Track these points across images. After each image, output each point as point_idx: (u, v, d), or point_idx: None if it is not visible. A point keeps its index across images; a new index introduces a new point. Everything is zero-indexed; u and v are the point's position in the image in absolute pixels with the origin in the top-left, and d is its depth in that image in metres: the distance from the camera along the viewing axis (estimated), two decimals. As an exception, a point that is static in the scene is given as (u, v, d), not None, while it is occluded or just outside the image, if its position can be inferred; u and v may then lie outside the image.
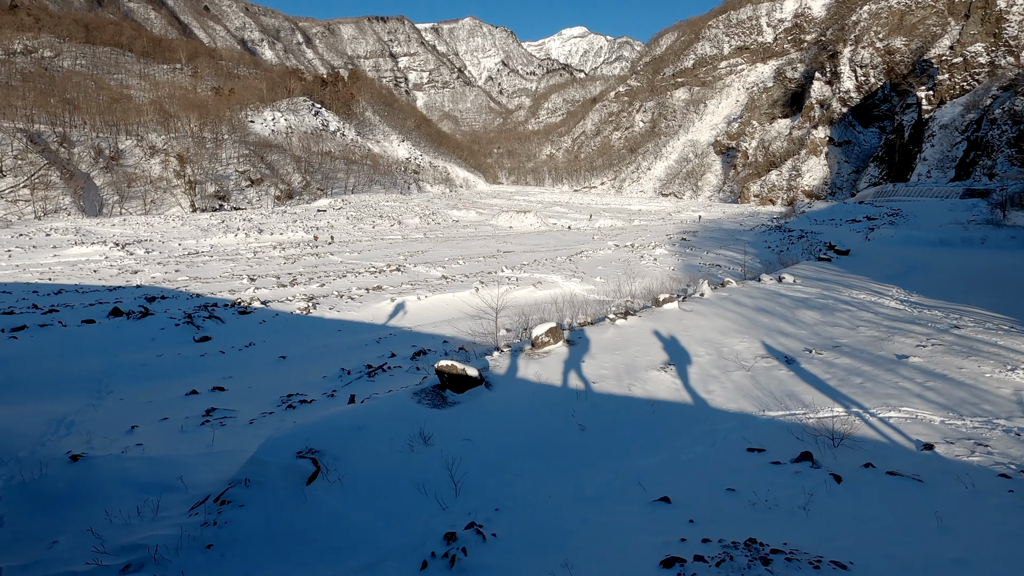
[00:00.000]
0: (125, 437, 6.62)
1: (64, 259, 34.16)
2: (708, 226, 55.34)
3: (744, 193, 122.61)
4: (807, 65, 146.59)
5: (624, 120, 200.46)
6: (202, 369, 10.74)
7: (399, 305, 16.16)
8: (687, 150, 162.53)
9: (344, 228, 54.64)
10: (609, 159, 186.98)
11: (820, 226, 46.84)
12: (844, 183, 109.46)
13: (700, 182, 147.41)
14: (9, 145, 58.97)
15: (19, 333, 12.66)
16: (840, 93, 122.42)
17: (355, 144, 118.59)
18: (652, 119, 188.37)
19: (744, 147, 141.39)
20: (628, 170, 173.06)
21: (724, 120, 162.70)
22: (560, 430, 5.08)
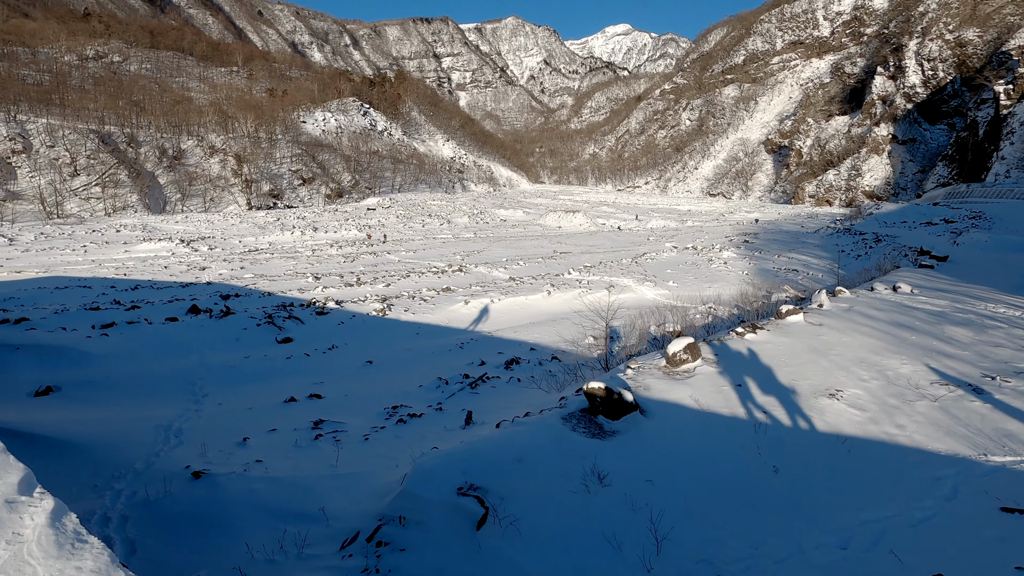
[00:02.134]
0: (240, 451, 6.26)
1: (135, 255, 35.41)
2: (767, 228, 53.07)
3: (798, 194, 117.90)
4: (868, 59, 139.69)
5: (670, 118, 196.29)
6: (290, 373, 10.47)
7: (482, 309, 15.69)
8: (736, 149, 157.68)
9: (395, 227, 55.01)
10: (654, 158, 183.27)
11: (892, 229, 44.12)
12: (908, 183, 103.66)
13: (750, 182, 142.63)
14: (83, 145, 62.01)
15: (109, 330, 12.77)
16: (905, 88, 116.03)
17: (401, 143, 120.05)
18: (699, 117, 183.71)
19: (798, 146, 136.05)
20: (674, 169, 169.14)
21: (776, 118, 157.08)
22: (750, 471, 4.36)
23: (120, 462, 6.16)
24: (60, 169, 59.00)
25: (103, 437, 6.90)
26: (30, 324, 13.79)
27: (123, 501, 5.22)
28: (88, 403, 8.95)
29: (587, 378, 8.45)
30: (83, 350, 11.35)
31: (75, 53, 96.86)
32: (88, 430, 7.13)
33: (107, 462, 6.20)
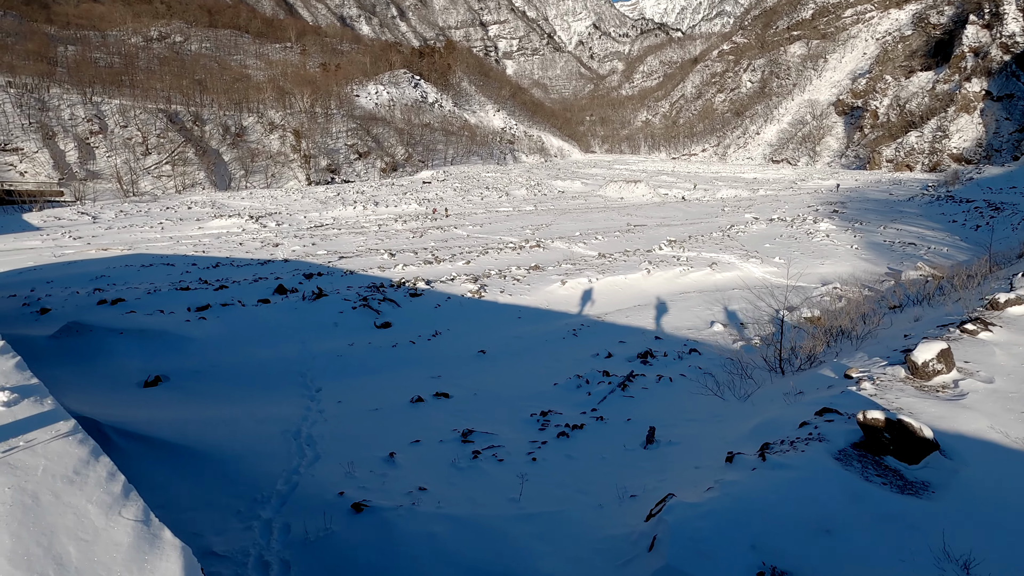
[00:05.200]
0: (391, 471, 5.35)
1: (208, 231, 36.02)
2: (851, 196, 49.05)
3: (874, 158, 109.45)
4: (957, 7, 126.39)
5: (729, 81, 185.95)
6: (401, 363, 9.63)
7: (582, 290, 14.48)
8: (803, 111, 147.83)
9: (453, 200, 54.18)
10: (711, 124, 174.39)
11: (1004, 195, 39.73)
12: (1004, 144, 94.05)
13: (818, 147, 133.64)
14: (153, 125, 63.91)
15: (206, 313, 12.35)
16: (1002, 38, 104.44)
17: (452, 115, 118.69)
18: (762, 78, 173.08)
19: (873, 106, 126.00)
20: (733, 135, 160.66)
21: (848, 76, 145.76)
22: None
23: (258, 479, 5.37)
24: (133, 148, 61.10)
25: (229, 444, 6.17)
26: (128, 306, 13.60)
27: (277, 539, 4.37)
28: (199, 396, 8.37)
29: (760, 382, 7.13)
30: (184, 335, 10.90)
31: (140, 35, 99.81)
32: (211, 435, 6.43)
33: (243, 478, 5.43)
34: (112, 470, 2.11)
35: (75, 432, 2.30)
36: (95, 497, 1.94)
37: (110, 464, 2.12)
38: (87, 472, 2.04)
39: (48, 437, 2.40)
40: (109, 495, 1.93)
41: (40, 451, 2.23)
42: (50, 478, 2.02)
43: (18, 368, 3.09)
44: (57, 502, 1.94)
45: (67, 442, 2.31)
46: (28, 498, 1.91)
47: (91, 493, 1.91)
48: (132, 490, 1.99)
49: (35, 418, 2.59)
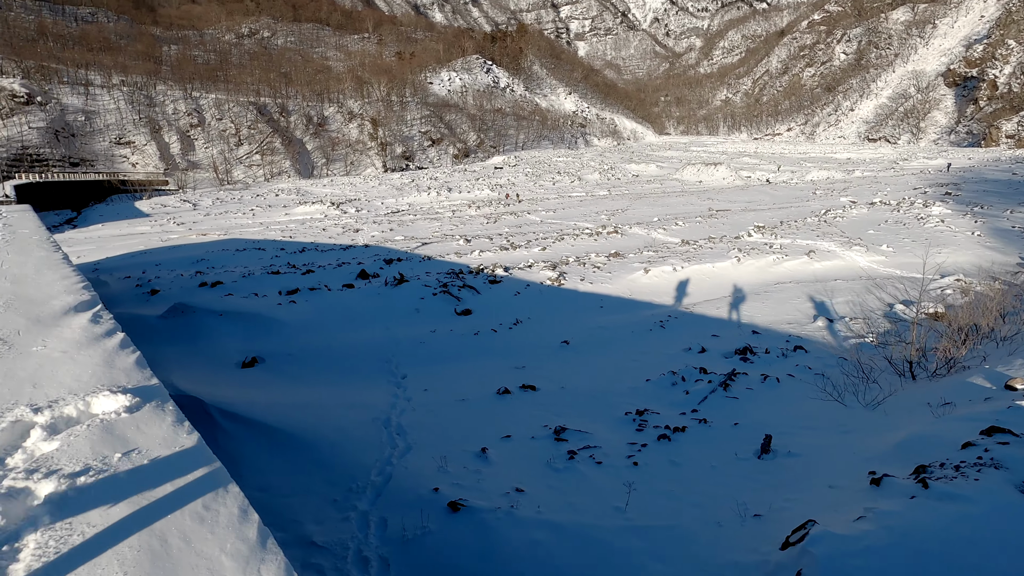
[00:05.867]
0: (484, 468, 5.17)
1: (294, 217, 37.89)
2: (965, 176, 44.06)
3: (991, 134, 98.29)
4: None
5: (820, 54, 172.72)
6: (483, 352, 9.48)
7: (666, 278, 13.79)
8: (905, 84, 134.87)
9: (525, 185, 53.90)
10: (798, 101, 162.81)
11: None
12: None
13: (922, 123, 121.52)
14: (244, 117, 68.00)
15: (295, 297, 12.80)
16: None
17: (524, 99, 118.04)
18: (858, 49, 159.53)
19: (992, 75, 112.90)
20: (823, 112, 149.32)
21: (961, 43, 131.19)
22: None
23: (352, 468, 5.35)
24: (227, 139, 65.31)
25: (323, 430, 6.23)
26: (225, 288, 14.40)
27: (375, 533, 4.28)
28: (291, 379, 8.61)
29: (889, 388, 6.32)
30: (276, 318, 11.32)
31: (233, 32, 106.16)
32: (305, 419, 6.53)
33: (337, 466, 5.43)
34: (243, 505, 1.93)
35: (200, 450, 2.17)
36: (229, 546, 1.72)
37: (240, 497, 1.94)
38: (217, 508, 1.88)
39: (172, 455, 2.26)
40: (244, 543, 1.71)
41: (165, 471, 2.11)
42: (178, 514, 1.88)
43: (138, 366, 3.06)
44: (188, 549, 1.78)
45: (192, 463, 2.18)
46: (156, 541, 1.77)
47: (224, 539, 1.71)
48: (269, 536, 1.80)
49: (156, 428, 2.47)
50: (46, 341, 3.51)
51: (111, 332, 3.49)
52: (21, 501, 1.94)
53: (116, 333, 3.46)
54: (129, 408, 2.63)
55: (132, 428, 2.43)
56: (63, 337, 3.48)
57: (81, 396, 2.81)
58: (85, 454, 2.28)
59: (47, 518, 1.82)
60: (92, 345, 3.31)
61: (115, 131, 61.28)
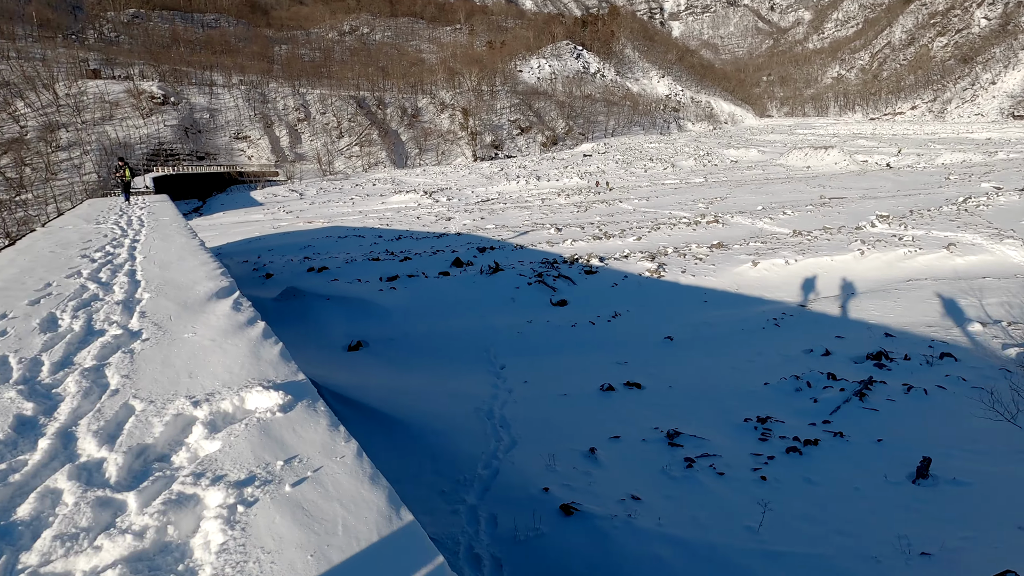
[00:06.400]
0: (595, 470, 4.93)
1: (389, 205, 39.45)
2: None
3: None
4: None
5: (955, 20, 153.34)
6: (582, 345, 9.20)
7: (778, 271, 12.76)
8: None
9: (615, 173, 52.54)
10: (926, 75, 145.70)
11: None
12: None
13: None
14: (345, 110, 71.74)
15: (395, 284, 13.20)
16: None
17: (614, 84, 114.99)
18: (1003, 13, 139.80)
19: None
20: (956, 87, 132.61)
21: None
22: None
23: (458, 459, 5.31)
24: (330, 132, 69.27)
25: (428, 418, 6.27)
26: (331, 274, 15.16)
27: (485, 530, 4.18)
28: (394, 364, 8.82)
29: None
30: (378, 303, 11.71)
31: (336, 30, 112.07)
32: (410, 405, 6.61)
33: (444, 456, 5.42)
34: (416, 530, 1.80)
35: (359, 460, 2.06)
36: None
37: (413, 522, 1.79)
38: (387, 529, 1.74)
39: (333, 464, 2.10)
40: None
41: (331, 489, 1.94)
42: (353, 541, 1.68)
43: (283, 359, 3.02)
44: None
45: (356, 478, 2.00)
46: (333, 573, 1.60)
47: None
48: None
49: (312, 432, 2.36)
50: (195, 327, 3.66)
51: (252, 321, 3.61)
52: (191, 510, 1.91)
53: (257, 322, 3.56)
54: (283, 407, 2.56)
55: (289, 431, 2.37)
56: (210, 324, 3.62)
57: (235, 390, 2.80)
58: (247, 459, 2.22)
59: (218, 535, 1.75)
60: (237, 334, 3.41)
61: (234, 127, 67.01)
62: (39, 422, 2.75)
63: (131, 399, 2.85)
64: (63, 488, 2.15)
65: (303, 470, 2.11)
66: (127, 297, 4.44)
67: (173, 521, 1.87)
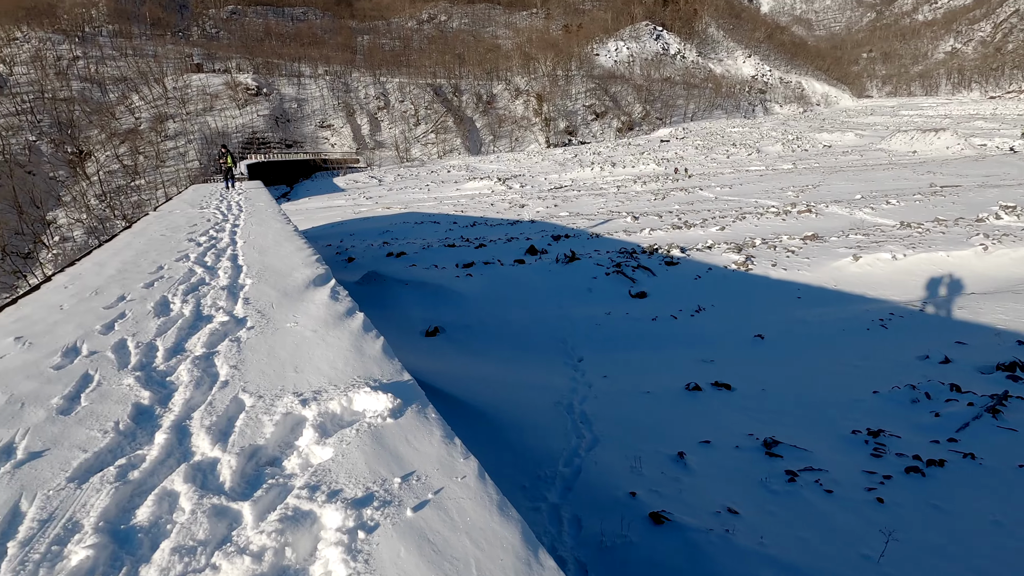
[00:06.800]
0: (684, 476, 4.65)
1: (464, 192, 39.93)
2: None
3: None
4: None
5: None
6: (664, 340, 8.81)
7: (883, 267, 11.67)
8: None
9: (695, 159, 50.32)
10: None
11: None
12: None
13: None
14: (422, 98, 73.24)
15: (471, 271, 13.28)
16: None
17: (695, 66, 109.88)
18: None
19: None
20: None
21: None
22: None
23: (539, 454, 5.20)
24: (407, 120, 71.04)
25: (507, 409, 6.19)
26: (409, 259, 15.51)
27: (568, 532, 4.03)
28: (471, 352, 8.85)
29: None
30: (455, 290, 11.81)
31: (415, 19, 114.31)
32: (489, 395, 6.57)
33: (524, 450, 5.32)
34: None
35: (483, 482, 1.92)
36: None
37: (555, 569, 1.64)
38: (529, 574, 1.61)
39: (454, 486, 1.93)
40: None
41: (457, 518, 1.75)
42: None
43: (386, 355, 2.96)
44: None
45: (483, 505, 1.82)
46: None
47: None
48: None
49: (426, 443, 2.22)
50: (296, 317, 3.72)
51: (351, 312, 3.64)
52: (308, 530, 1.81)
53: (356, 313, 3.58)
54: (392, 412, 2.44)
55: (402, 440, 2.26)
56: (310, 314, 3.69)
57: (341, 389, 2.72)
58: (361, 472, 2.09)
59: (340, 567, 1.61)
60: (338, 326, 3.44)
61: (319, 116, 70.24)
62: (155, 412, 2.81)
63: (240, 392, 2.85)
64: (179, 491, 2.13)
65: (422, 490, 1.97)
66: (231, 282, 4.66)
67: (291, 543, 1.77)
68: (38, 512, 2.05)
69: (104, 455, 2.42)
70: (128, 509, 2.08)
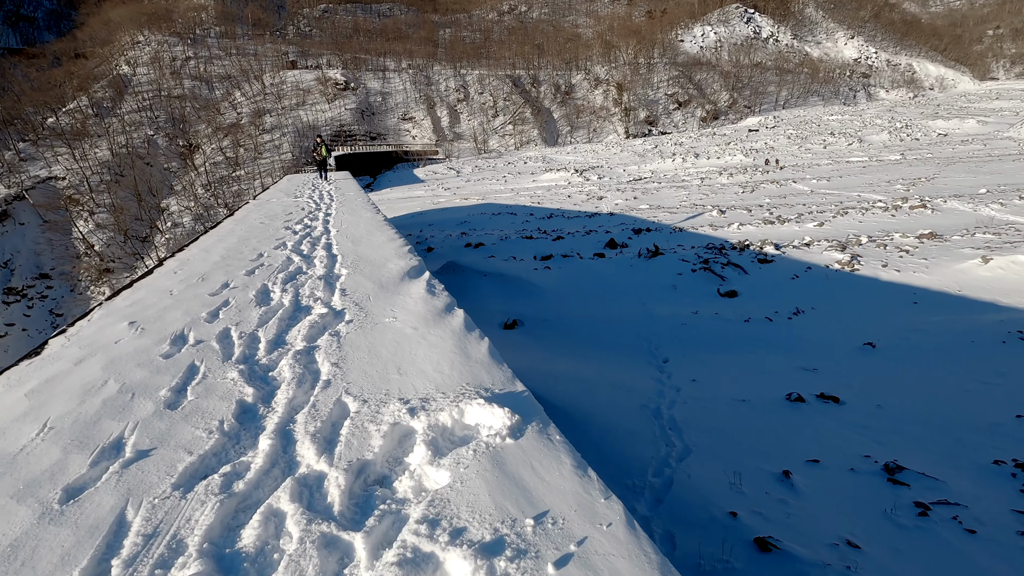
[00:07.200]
0: (790, 497, 4.23)
1: (540, 184, 39.71)
2: None
3: None
4: None
5: None
6: (758, 344, 8.20)
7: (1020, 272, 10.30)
8: None
9: (787, 150, 47.13)
10: None
11: None
12: None
13: None
14: (501, 90, 73.53)
15: (550, 263, 13.08)
16: None
17: (790, 50, 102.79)
18: None
19: None
20: None
21: None
22: None
23: (624, 459, 4.93)
24: (486, 111, 71.64)
25: (591, 410, 5.96)
26: (487, 251, 15.54)
27: (662, 551, 3.75)
28: (550, 347, 8.66)
29: None
30: (533, 282, 11.67)
31: (495, 11, 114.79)
32: (572, 394, 6.36)
33: (608, 452, 5.08)
34: None
35: (634, 535, 1.60)
36: None
37: None
38: None
39: (600, 537, 1.62)
40: None
41: None
42: None
43: (494, 359, 2.74)
44: None
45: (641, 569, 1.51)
46: None
47: None
48: None
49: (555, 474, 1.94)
50: (394, 311, 3.65)
51: (450, 308, 3.55)
52: None
53: (455, 309, 3.50)
54: (512, 430, 2.16)
55: (527, 468, 2.00)
56: (408, 309, 3.64)
57: (450, 398, 2.50)
58: (485, 506, 1.83)
59: None
60: (439, 323, 3.35)
61: (401, 109, 72.38)
62: (258, 412, 2.76)
63: (343, 395, 2.75)
64: (286, 511, 1.99)
65: (562, 539, 1.66)
66: (327, 272, 4.74)
67: (410, 586, 1.56)
68: (143, 524, 1.99)
69: (209, 459, 2.38)
70: (233, 528, 1.98)
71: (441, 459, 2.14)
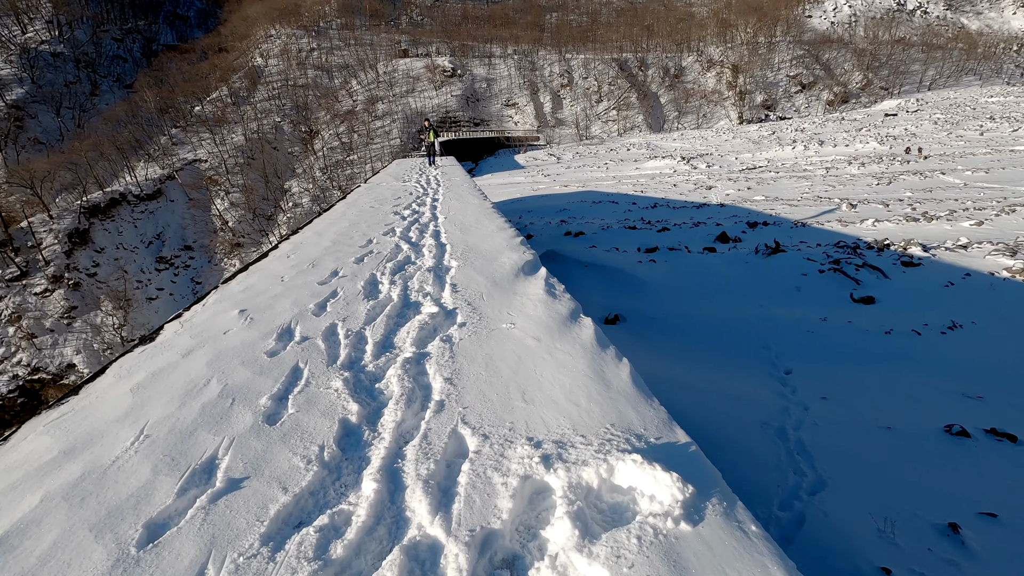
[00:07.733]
0: (966, 563, 3.51)
1: (643, 171, 38.19)
2: None
3: None
4: None
5: None
6: (902, 361, 7.12)
7: None
8: None
9: (932, 136, 41.51)
10: None
11: None
12: None
13: None
14: (606, 74, 71.61)
15: (655, 256, 12.38)
16: None
17: (941, 22, 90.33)
18: None
19: None
20: None
21: None
22: None
23: (744, 485, 4.38)
24: (590, 97, 70.18)
25: (699, 421, 5.43)
26: (588, 240, 15.06)
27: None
28: (654, 347, 8.12)
29: None
30: (637, 276, 11.09)
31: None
32: (680, 404, 5.85)
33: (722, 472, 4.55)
34: None
35: None
36: None
37: None
38: None
39: None
40: None
41: None
42: None
43: (639, 390, 2.22)
44: None
45: None
46: None
47: None
48: None
49: None
50: (511, 315, 3.34)
51: (575, 315, 3.25)
52: None
53: (582, 317, 3.20)
54: (686, 510, 1.59)
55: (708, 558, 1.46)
56: (527, 313, 3.36)
57: (594, 445, 2.01)
58: None
59: None
60: (564, 334, 3.04)
61: (505, 95, 72.87)
62: (363, 436, 2.52)
63: (460, 424, 2.42)
64: None
65: None
66: (436, 263, 4.63)
67: None
68: (222, 592, 1.73)
69: (305, 500, 2.13)
70: None
71: (593, 543, 1.63)
